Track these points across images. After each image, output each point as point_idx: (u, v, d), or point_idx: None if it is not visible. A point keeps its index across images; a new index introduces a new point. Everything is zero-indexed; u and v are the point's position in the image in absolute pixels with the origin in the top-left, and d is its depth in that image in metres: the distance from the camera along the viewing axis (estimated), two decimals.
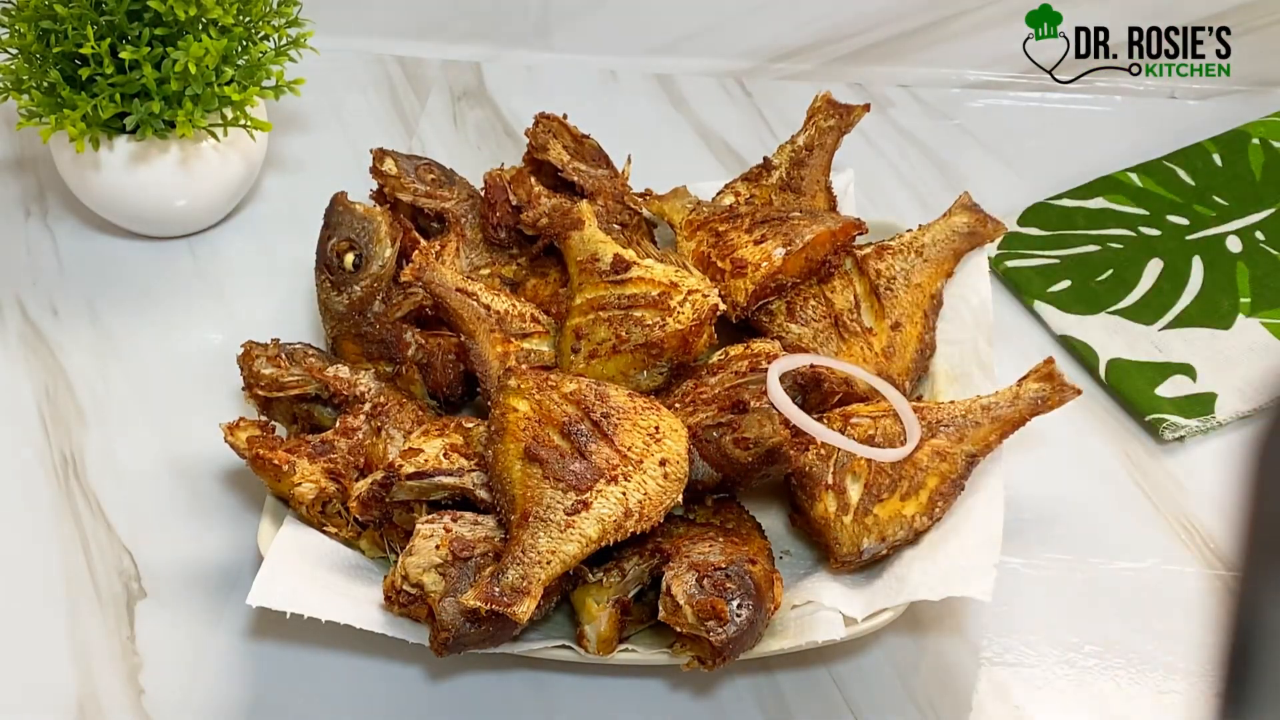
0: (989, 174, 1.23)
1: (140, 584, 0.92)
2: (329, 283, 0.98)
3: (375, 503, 0.85)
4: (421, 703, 0.85)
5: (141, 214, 1.14)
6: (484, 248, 1.04)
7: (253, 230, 1.19)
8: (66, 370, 1.07)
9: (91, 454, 1.00)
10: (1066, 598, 0.90)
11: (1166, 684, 0.86)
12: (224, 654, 0.87)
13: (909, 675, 0.86)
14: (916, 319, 0.99)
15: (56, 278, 1.15)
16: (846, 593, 0.85)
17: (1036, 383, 0.91)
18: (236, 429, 0.90)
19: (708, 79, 1.35)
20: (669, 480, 0.83)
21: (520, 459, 0.83)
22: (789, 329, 0.97)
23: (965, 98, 1.32)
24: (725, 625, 0.78)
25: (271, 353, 0.94)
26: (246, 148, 1.14)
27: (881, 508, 0.86)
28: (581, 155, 1.07)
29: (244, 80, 1.09)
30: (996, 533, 0.84)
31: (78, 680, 0.86)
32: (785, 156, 1.08)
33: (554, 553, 0.79)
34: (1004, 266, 1.13)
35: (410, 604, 0.82)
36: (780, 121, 1.29)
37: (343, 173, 1.14)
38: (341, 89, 1.34)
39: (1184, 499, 0.97)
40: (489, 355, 0.94)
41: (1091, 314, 1.09)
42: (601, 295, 0.93)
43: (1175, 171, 1.21)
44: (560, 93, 1.31)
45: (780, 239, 0.96)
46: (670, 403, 0.90)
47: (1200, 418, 1.00)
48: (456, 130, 1.30)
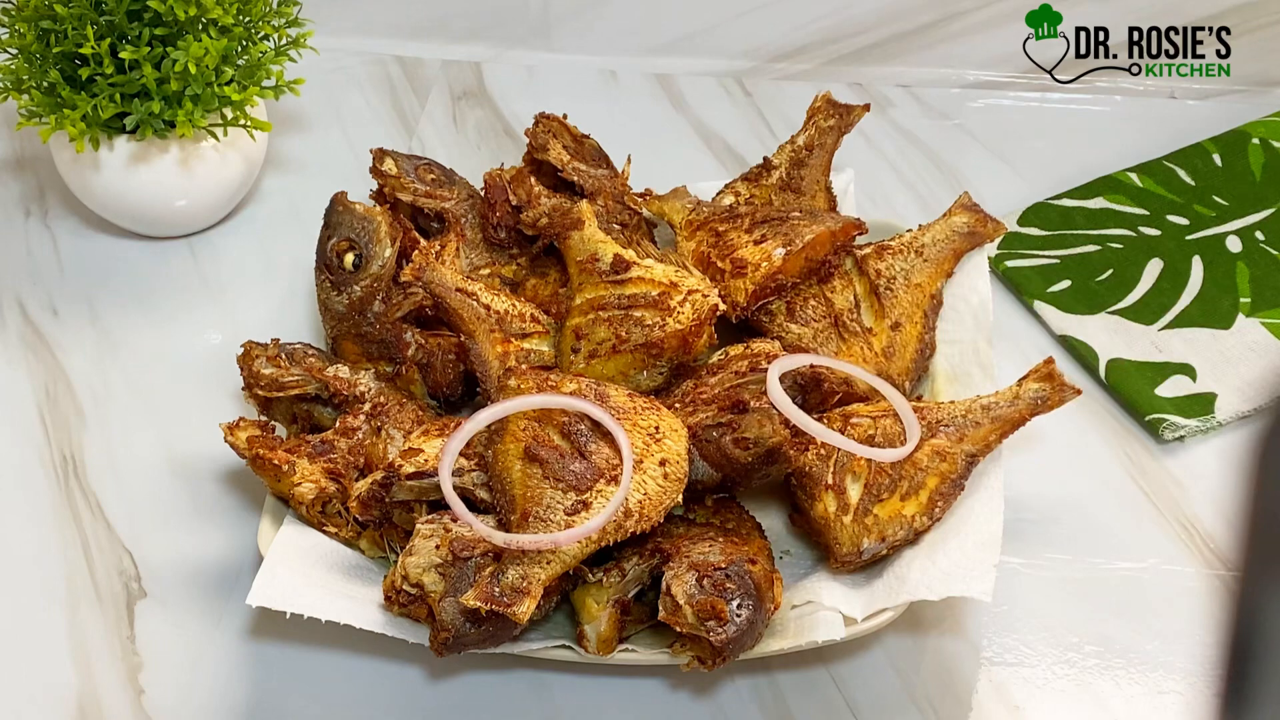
0: (989, 174, 1.23)
1: (140, 584, 0.92)
2: (329, 282, 0.98)
3: (375, 503, 0.85)
4: (421, 703, 0.85)
5: (141, 214, 1.14)
6: (484, 248, 1.04)
7: (253, 230, 1.19)
8: (66, 370, 1.07)
9: (91, 454, 1.00)
10: (1066, 597, 0.90)
11: (1166, 684, 0.85)
12: (224, 654, 0.87)
13: (909, 675, 0.86)
14: (916, 319, 0.99)
15: (56, 278, 1.15)
16: (846, 593, 0.84)
17: (1036, 383, 0.90)
18: (236, 429, 0.90)
19: (708, 79, 1.35)
20: (669, 480, 0.83)
21: (520, 459, 0.82)
22: (789, 329, 0.97)
23: (965, 98, 1.32)
24: (725, 625, 0.78)
25: (271, 353, 0.94)
26: (246, 148, 1.14)
27: (881, 508, 0.86)
28: (581, 155, 1.07)
29: (244, 80, 1.09)
30: (996, 533, 0.83)
31: (78, 680, 0.86)
32: (785, 156, 1.07)
33: (554, 553, 0.79)
34: (1004, 266, 1.13)
35: (410, 604, 0.82)
36: (780, 121, 1.29)
37: (343, 173, 1.14)
38: (341, 89, 1.34)
39: (1184, 499, 0.96)
40: (489, 355, 0.94)
41: (1091, 314, 1.09)
42: (601, 295, 0.93)
43: (1175, 171, 1.20)
44: (560, 93, 1.30)
45: (780, 239, 0.96)
46: (670, 403, 0.90)
47: (1200, 418, 1.00)
48: (456, 130, 1.30)
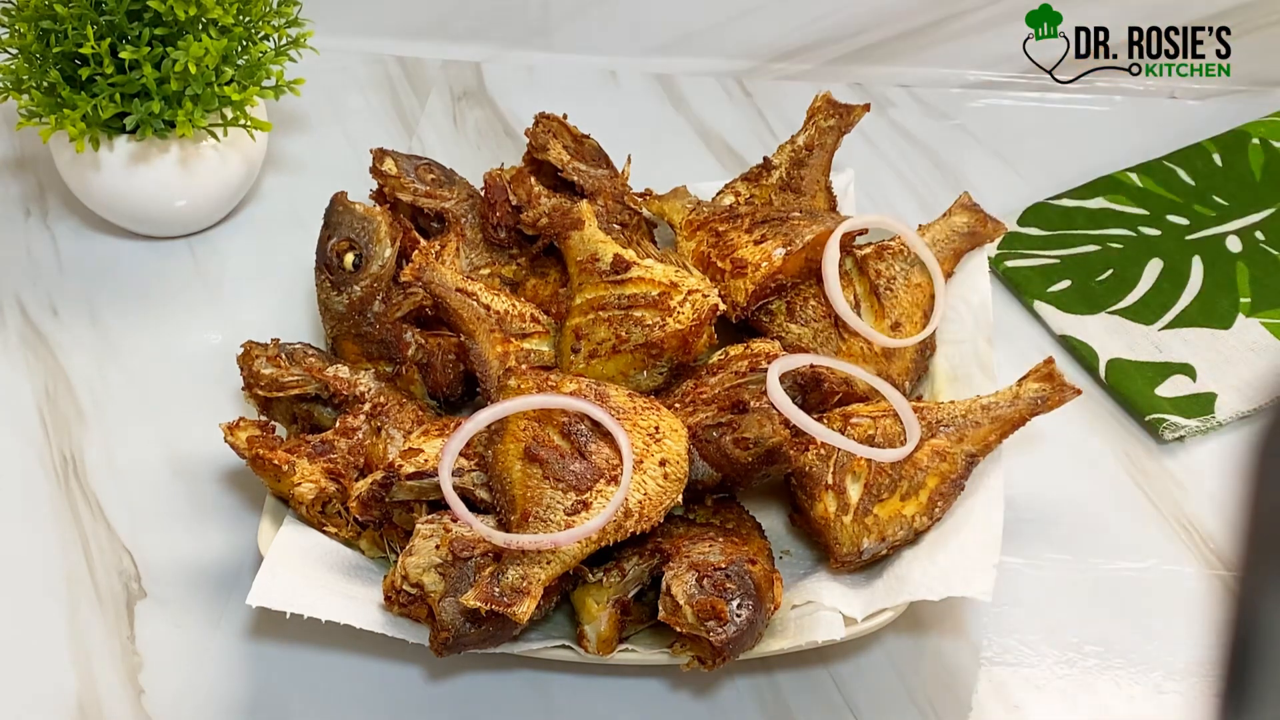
0: (989, 174, 1.23)
1: (140, 584, 0.92)
2: (329, 283, 0.98)
3: (375, 503, 0.85)
4: (421, 703, 0.85)
5: (141, 214, 1.14)
6: (484, 248, 1.04)
7: (253, 230, 1.19)
8: (66, 370, 1.07)
9: (91, 454, 1.00)
10: (1066, 598, 0.90)
11: (1167, 684, 0.85)
12: (224, 654, 0.87)
13: (909, 675, 0.86)
14: (916, 319, 0.99)
15: (56, 278, 1.14)
16: (846, 593, 0.84)
17: (1036, 383, 0.91)
18: (236, 429, 0.90)
19: (708, 79, 1.35)
20: (669, 480, 0.83)
21: (520, 459, 0.82)
22: (789, 329, 0.97)
23: (965, 98, 1.32)
24: (725, 625, 0.78)
25: (271, 353, 0.93)
26: (246, 148, 1.14)
27: (881, 508, 0.86)
28: (581, 155, 1.07)
29: (244, 80, 1.08)
30: (996, 533, 0.83)
31: (78, 680, 0.86)
32: (785, 156, 1.07)
33: (554, 553, 0.79)
34: (1004, 266, 1.13)
35: (410, 604, 0.82)
36: (780, 121, 1.29)
37: (343, 173, 1.14)
38: (341, 89, 1.33)
39: (1184, 499, 0.96)
40: (489, 355, 0.94)
41: (1091, 314, 1.08)
42: (601, 295, 0.93)
43: (1175, 171, 1.20)
44: (560, 93, 1.30)
45: (780, 239, 0.96)
46: (670, 403, 0.90)
47: (1200, 418, 1.00)
48: (456, 130, 1.30)
